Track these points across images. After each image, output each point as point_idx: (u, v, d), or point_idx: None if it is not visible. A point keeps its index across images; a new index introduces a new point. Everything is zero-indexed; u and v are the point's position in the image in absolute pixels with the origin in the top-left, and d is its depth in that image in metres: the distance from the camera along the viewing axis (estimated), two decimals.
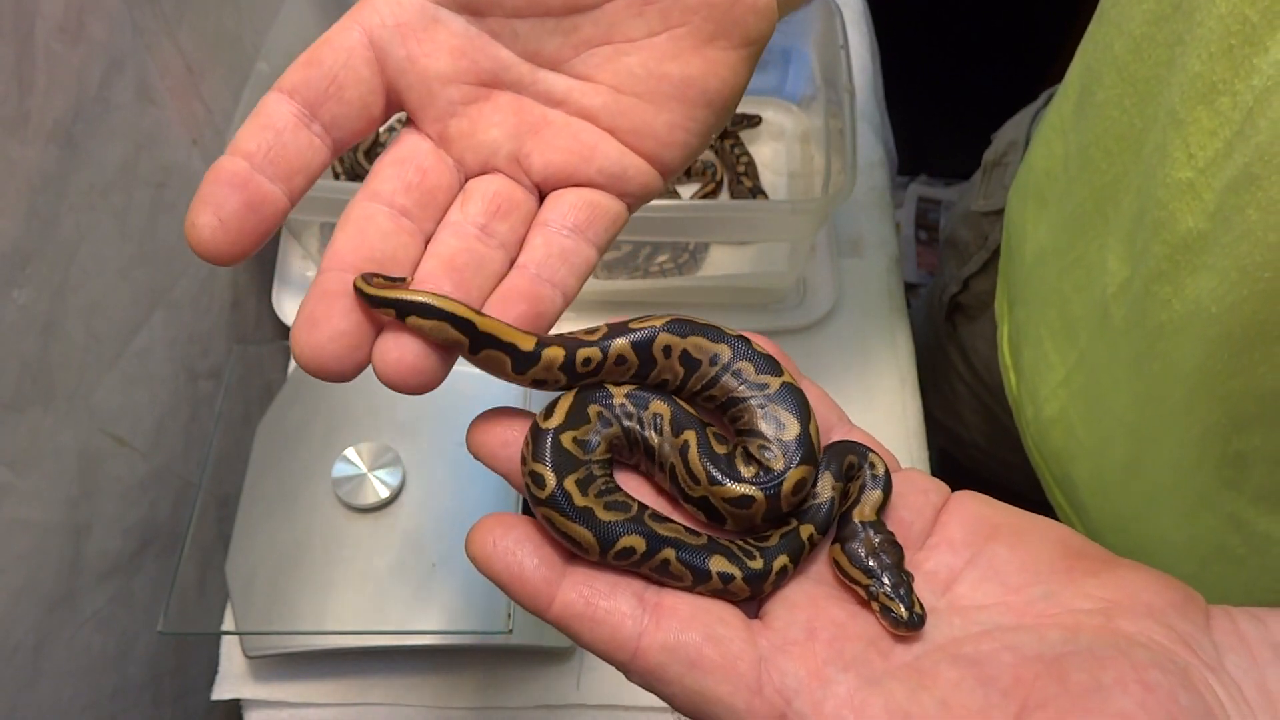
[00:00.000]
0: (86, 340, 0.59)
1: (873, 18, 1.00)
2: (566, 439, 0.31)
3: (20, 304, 0.53)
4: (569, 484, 0.30)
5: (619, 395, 0.33)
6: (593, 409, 0.32)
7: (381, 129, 0.86)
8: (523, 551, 0.29)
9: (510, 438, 0.32)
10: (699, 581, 0.30)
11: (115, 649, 0.65)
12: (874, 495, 0.33)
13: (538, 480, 0.30)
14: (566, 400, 0.32)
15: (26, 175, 0.52)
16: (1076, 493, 0.58)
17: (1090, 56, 0.53)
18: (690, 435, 0.32)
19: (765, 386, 0.33)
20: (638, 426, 0.32)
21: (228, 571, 0.66)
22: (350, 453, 0.69)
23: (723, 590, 0.31)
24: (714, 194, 0.86)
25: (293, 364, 0.76)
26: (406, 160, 0.34)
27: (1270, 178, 0.35)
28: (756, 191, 0.86)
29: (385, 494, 0.68)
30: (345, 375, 0.30)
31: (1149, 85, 0.45)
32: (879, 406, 0.75)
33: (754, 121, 0.89)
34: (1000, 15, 1.47)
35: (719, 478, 0.31)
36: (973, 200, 0.80)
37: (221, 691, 0.65)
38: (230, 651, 0.66)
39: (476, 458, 0.32)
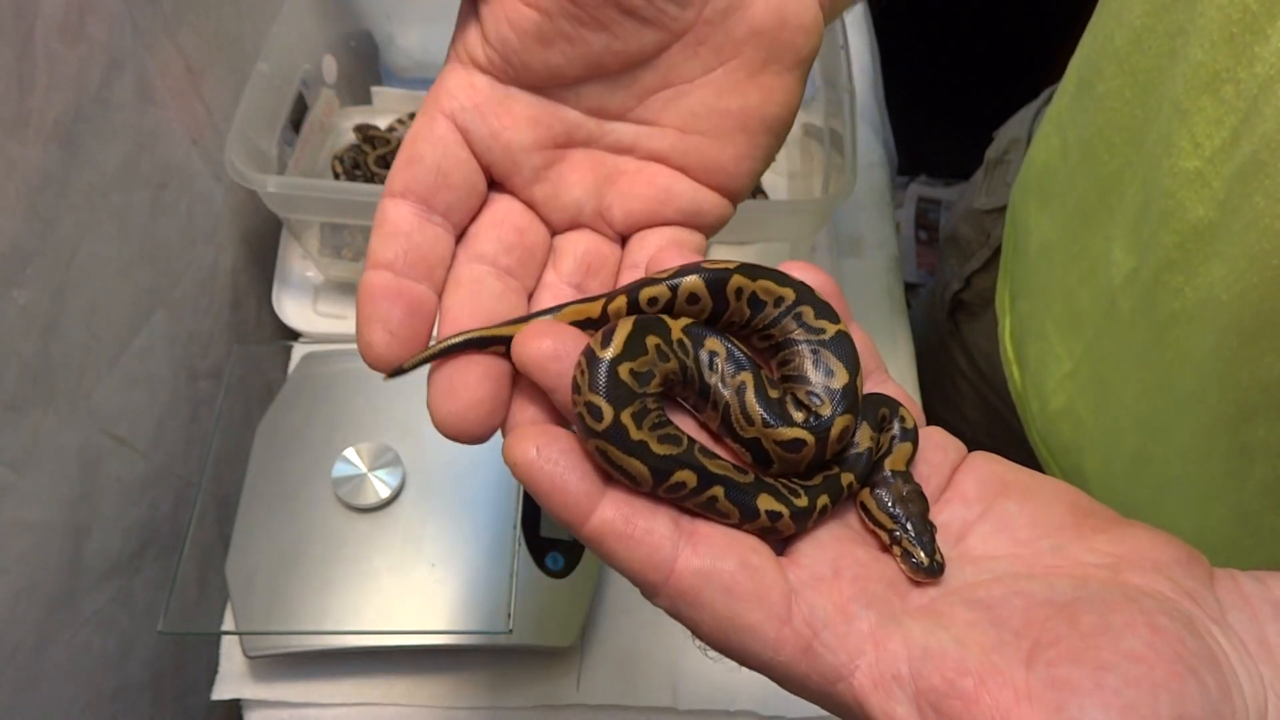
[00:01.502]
0: (86, 340, 0.59)
1: (873, 18, 1.00)
2: (624, 370, 0.30)
3: (20, 304, 0.53)
4: (625, 417, 0.30)
5: (676, 330, 0.33)
6: (650, 340, 0.32)
7: (385, 128, 0.86)
8: (567, 463, 0.30)
9: (563, 351, 0.31)
10: (746, 519, 0.31)
11: (115, 649, 0.65)
12: (905, 447, 0.34)
13: (594, 412, 0.30)
14: (624, 329, 0.31)
15: (26, 175, 0.52)
16: (1085, 485, 0.58)
17: (1090, 49, 0.53)
18: (747, 377, 0.32)
19: (822, 331, 0.33)
20: (694, 364, 0.32)
21: (228, 571, 0.66)
22: (350, 453, 0.69)
23: (770, 528, 0.31)
24: None
25: (293, 364, 0.76)
26: (503, 222, 0.35)
27: (1276, 165, 0.35)
28: (756, 191, 0.86)
29: (385, 494, 0.68)
30: (484, 439, 0.32)
31: (1150, 76, 0.45)
32: None
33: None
34: (1000, 16, 1.47)
35: (773, 421, 0.32)
36: (975, 198, 0.80)
37: (221, 691, 0.65)
38: (230, 651, 0.66)
39: (522, 368, 0.31)
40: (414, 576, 0.66)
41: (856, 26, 0.97)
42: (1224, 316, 0.40)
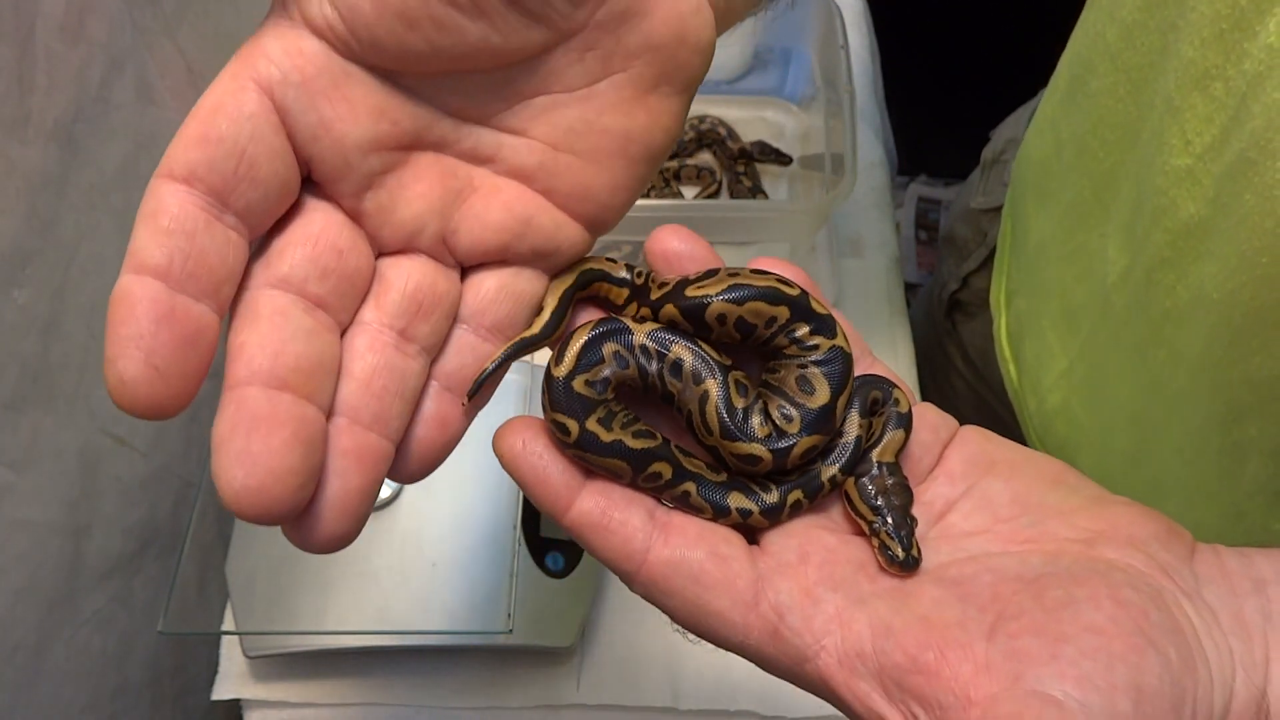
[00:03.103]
0: (86, 340, 0.59)
1: (873, 18, 1.00)
2: (579, 384, 0.31)
3: (20, 304, 0.53)
4: (592, 425, 0.31)
5: (640, 334, 0.32)
6: (609, 348, 0.32)
7: None
8: (550, 456, 0.31)
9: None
10: (718, 515, 0.32)
11: (115, 649, 0.65)
12: (896, 436, 0.34)
13: (562, 429, 0.31)
14: (578, 342, 0.32)
15: (26, 175, 0.52)
16: None
17: (1081, 45, 0.53)
18: (710, 385, 0.32)
19: (815, 348, 0.33)
20: (657, 371, 0.33)
21: (228, 571, 0.66)
22: None
23: (741, 525, 0.32)
24: (714, 195, 0.86)
25: None
26: (318, 238, 0.28)
27: (1266, 163, 0.35)
28: (756, 191, 0.86)
29: (385, 494, 0.68)
30: (289, 518, 0.26)
31: (1143, 73, 0.45)
32: None
33: (785, 161, 0.88)
34: (1000, 16, 1.47)
35: (732, 432, 0.32)
36: (971, 197, 0.80)
37: (221, 691, 0.65)
38: (230, 651, 0.66)
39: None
40: (414, 576, 0.66)
41: (856, 26, 0.97)
42: (1215, 315, 0.40)
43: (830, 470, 0.34)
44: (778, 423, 0.33)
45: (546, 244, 0.31)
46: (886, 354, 0.79)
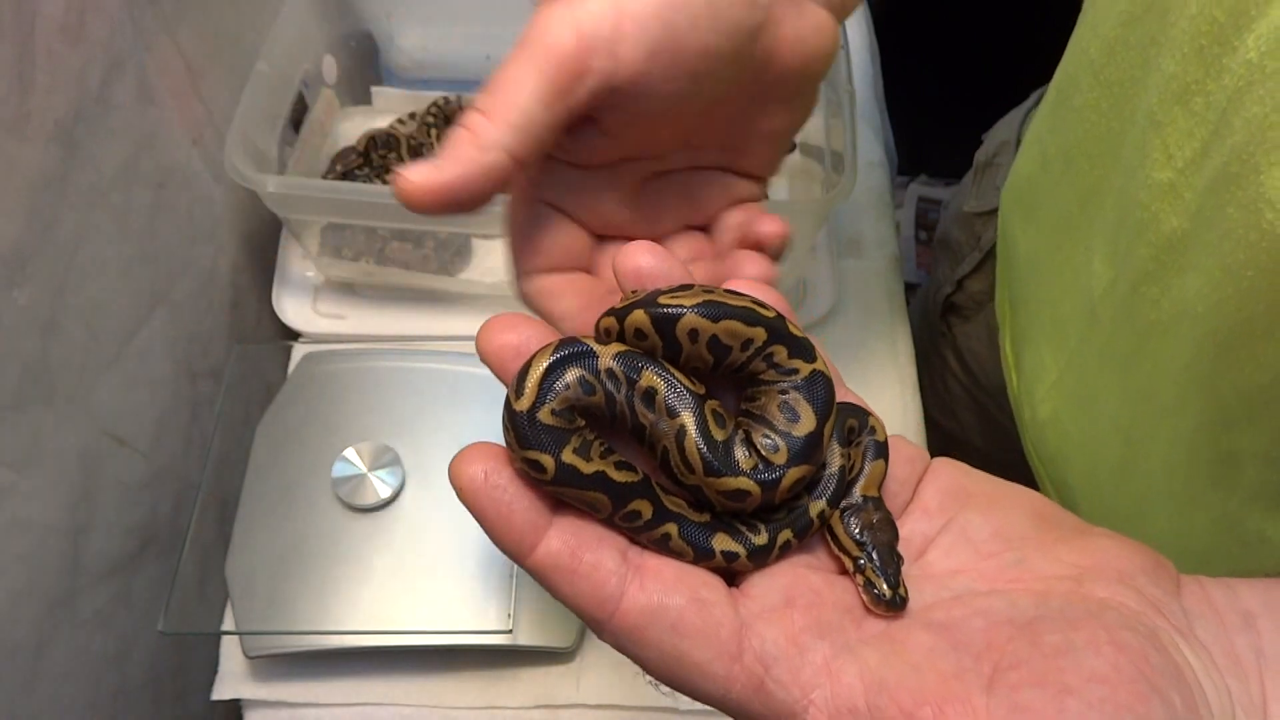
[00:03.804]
0: (86, 340, 0.59)
1: (873, 18, 1.00)
2: (545, 415, 0.29)
3: (20, 304, 0.53)
4: (569, 457, 0.28)
5: (606, 357, 0.30)
6: (572, 374, 0.29)
7: (386, 127, 0.86)
8: (515, 489, 0.28)
9: (524, 348, 0.30)
10: (701, 559, 0.30)
11: (115, 649, 0.65)
12: (877, 466, 0.33)
13: (537, 466, 0.28)
14: (537, 372, 0.29)
15: (26, 175, 0.52)
16: (1071, 495, 0.58)
17: (1068, 62, 0.53)
18: (686, 418, 0.30)
19: (795, 372, 0.31)
20: (626, 399, 0.30)
21: (228, 571, 0.66)
22: (350, 453, 0.69)
23: (725, 569, 0.30)
24: None
25: (293, 364, 0.76)
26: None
27: (1248, 177, 0.35)
28: None
29: (385, 494, 0.68)
30: None
31: (1125, 88, 0.45)
32: (879, 407, 0.74)
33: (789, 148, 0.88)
34: (1000, 15, 1.47)
35: (716, 468, 0.29)
36: (965, 200, 0.80)
37: (221, 691, 0.65)
38: (230, 651, 0.66)
39: (486, 362, 0.31)
40: (414, 576, 0.66)
41: (856, 26, 0.97)
42: (1200, 327, 0.40)
43: (818, 505, 0.31)
44: (763, 453, 0.30)
45: (749, 196, 0.42)
46: (886, 354, 0.79)
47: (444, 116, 0.86)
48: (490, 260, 0.80)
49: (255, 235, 0.81)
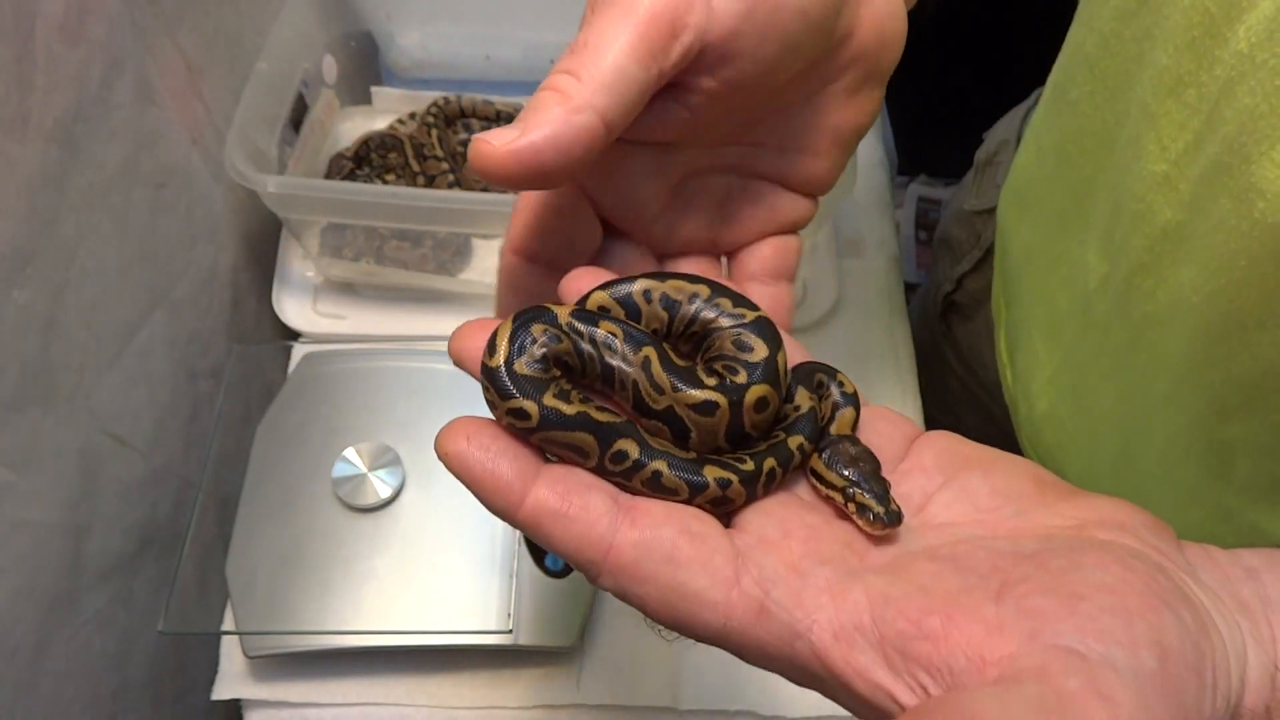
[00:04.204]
0: (86, 340, 0.59)
1: None
2: (520, 367, 0.30)
3: (20, 304, 0.53)
4: (551, 400, 0.29)
5: (563, 315, 0.31)
6: (537, 329, 0.31)
7: (386, 127, 0.86)
8: (498, 448, 0.28)
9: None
10: (695, 492, 0.30)
11: (115, 649, 0.65)
12: (848, 412, 0.34)
13: (520, 414, 0.29)
14: (505, 331, 0.30)
15: (26, 175, 0.52)
16: None
17: (1064, 57, 0.53)
18: (650, 351, 0.31)
19: (741, 317, 0.33)
20: (591, 348, 0.31)
21: (228, 571, 0.66)
22: (350, 453, 0.69)
23: (720, 498, 0.30)
24: None
25: (293, 364, 0.76)
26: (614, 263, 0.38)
27: (1240, 167, 0.35)
28: None
29: (385, 494, 0.68)
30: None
31: (1119, 81, 0.45)
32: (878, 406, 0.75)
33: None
34: (1000, 15, 1.47)
35: (682, 385, 0.31)
36: (965, 199, 0.80)
37: (221, 691, 0.65)
38: (230, 651, 0.66)
39: (462, 366, 0.32)
40: (414, 576, 0.66)
41: None
42: (1194, 318, 0.40)
43: (796, 439, 0.32)
44: (724, 375, 0.32)
45: (789, 216, 0.39)
46: (887, 354, 0.79)
47: (444, 116, 0.86)
48: (490, 260, 0.80)
49: (255, 235, 0.81)
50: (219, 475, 0.71)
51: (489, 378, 0.30)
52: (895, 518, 0.30)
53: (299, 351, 0.77)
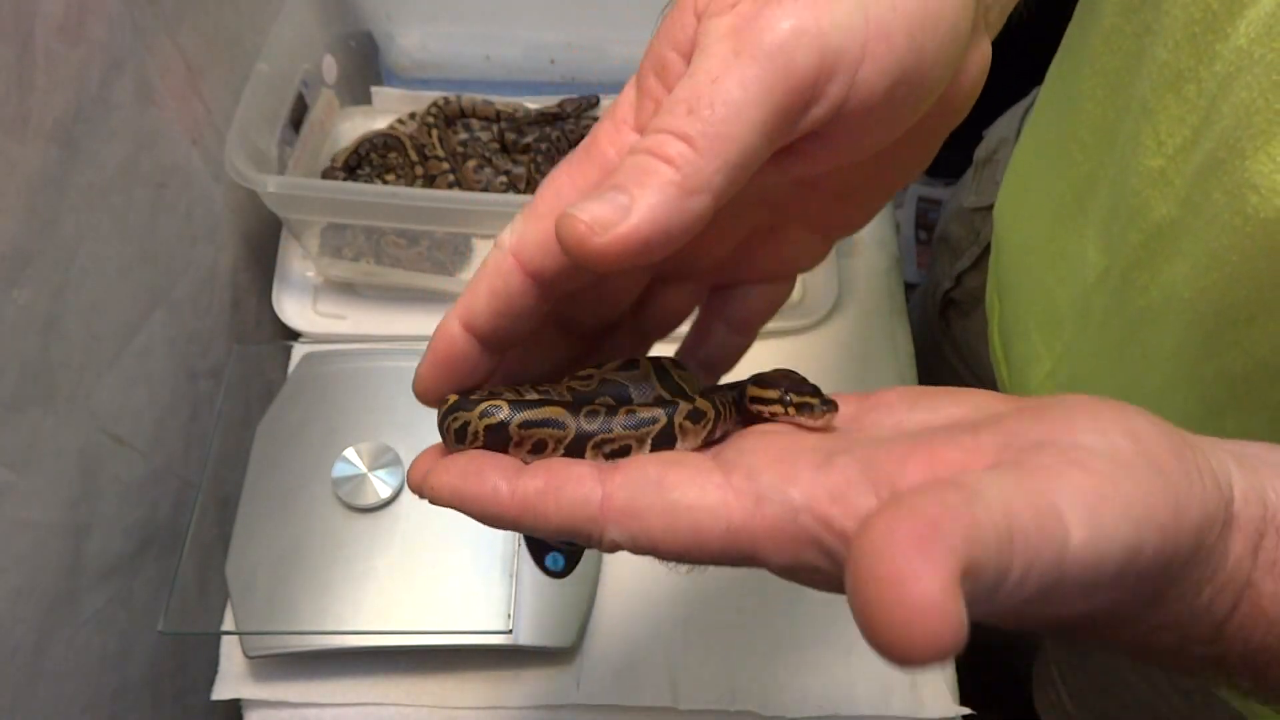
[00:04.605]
0: (86, 340, 0.59)
1: None
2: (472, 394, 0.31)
3: (20, 304, 0.53)
4: (511, 395, 0.30)
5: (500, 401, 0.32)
6: (480, 393, 0.32)
7: (386, 127, 0.86)
8: (475, 467, 0.28)
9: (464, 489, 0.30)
10: (672, 412, 0.30)
11: (115, 649, 0.65)
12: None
13: (490, 413, 0.29)
14: (451, 397, 0.31)
15: (26, 175, 0.52)
16: None
17: (1065, 52, 0.53)
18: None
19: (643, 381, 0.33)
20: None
21: (228, 571, 0.66)
22: (350, 453, 0.69)
23: (694, 411, 0.31)
24: None
25: (293, 364, 0.76)
26: None
27: (1234, 162, 0.35)
28: None
29: (385, 494, 0.68)
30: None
31: (1120, 76, 0.45)
32: None
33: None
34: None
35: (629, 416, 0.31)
36: (964, 197, 0.80)
37: (221, 691, 0.65)
38: (230, 651, 0.66)
39: (418, 493, 0.30)
40: (414, 576, 0.66)
41: None
42: (1187, 313, 0.41)
43: (729, 395, 0.33)
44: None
45: (798, 267, 0.36)
46: (886, 354, 0.79)
47: (444, 116, 0.86)
48: None
49: (255, 235, 0.81)
50: (219, 475, 0.71)
51: (449, 411, 0.30)
52: (833, 404, 0.30)
53: (299, 351, 0.77)
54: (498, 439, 0.30)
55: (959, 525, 0.20)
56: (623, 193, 0.26)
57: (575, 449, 0.30)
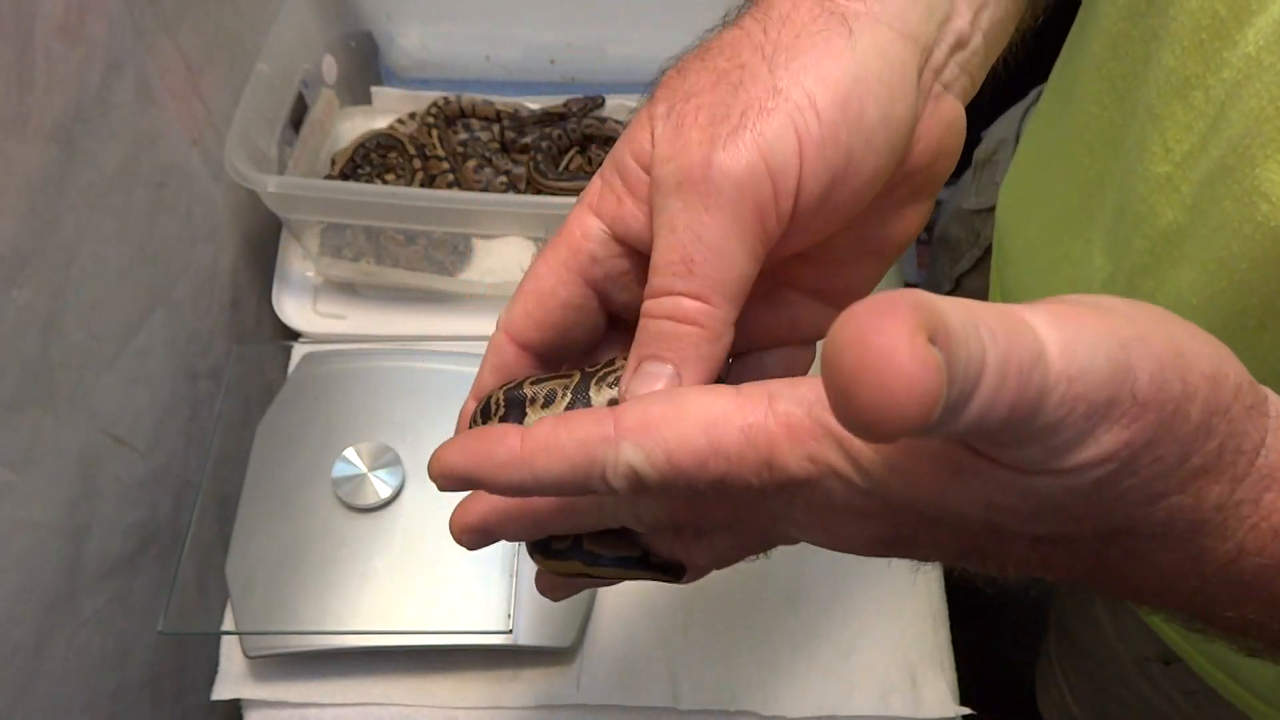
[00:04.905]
0: (86, 340, 0.59)
1: None
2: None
3: (20, 304, 0.53)
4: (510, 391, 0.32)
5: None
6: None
7: (386, 127, 0.86)
8: (492, 427, 0.28)
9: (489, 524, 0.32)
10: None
11: (115, 649, 0.65)
12: None
13: (509, 386, 0.32)
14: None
15: (26, 175, 0.52)
16: None
17: (1068, 57, 0.53)
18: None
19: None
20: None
21: (228, 571, 0.66)
22: (350, 453, 0.69)
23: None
24: None
25: (293, 364, 0.76)
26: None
27: (1243, 169, 0.35)
28: None
29: (385, 494, 0.68)
30: None
31: (1126, 82, 0.45)
32: None
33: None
34: None
35: None
36: (964, 198, 0.80)
37: (221, 691, 0.65)
38: (230, 651, 0.66)
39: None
40: (414, 576, 0.66)
41: None
42: (1195, 320, 0.40)
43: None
44: None
45: (807, 332, 0.36)
46: None
47: (444, 116, 0.86)
48: (490, 260, 0.80)
49: (255, 235, 0.81)
50: (219, 475, 0.71)
51: (487, 404, 0.33)
52: None
53: (299, 351, 0.77)
54: (516, 402, 0.31)
55: (920, 299, 0.19)
56: (664, 364, 0.30)
57: (582, 388, 0.31)
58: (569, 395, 0.31)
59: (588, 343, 0.35)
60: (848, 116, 0.29)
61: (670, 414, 0.26)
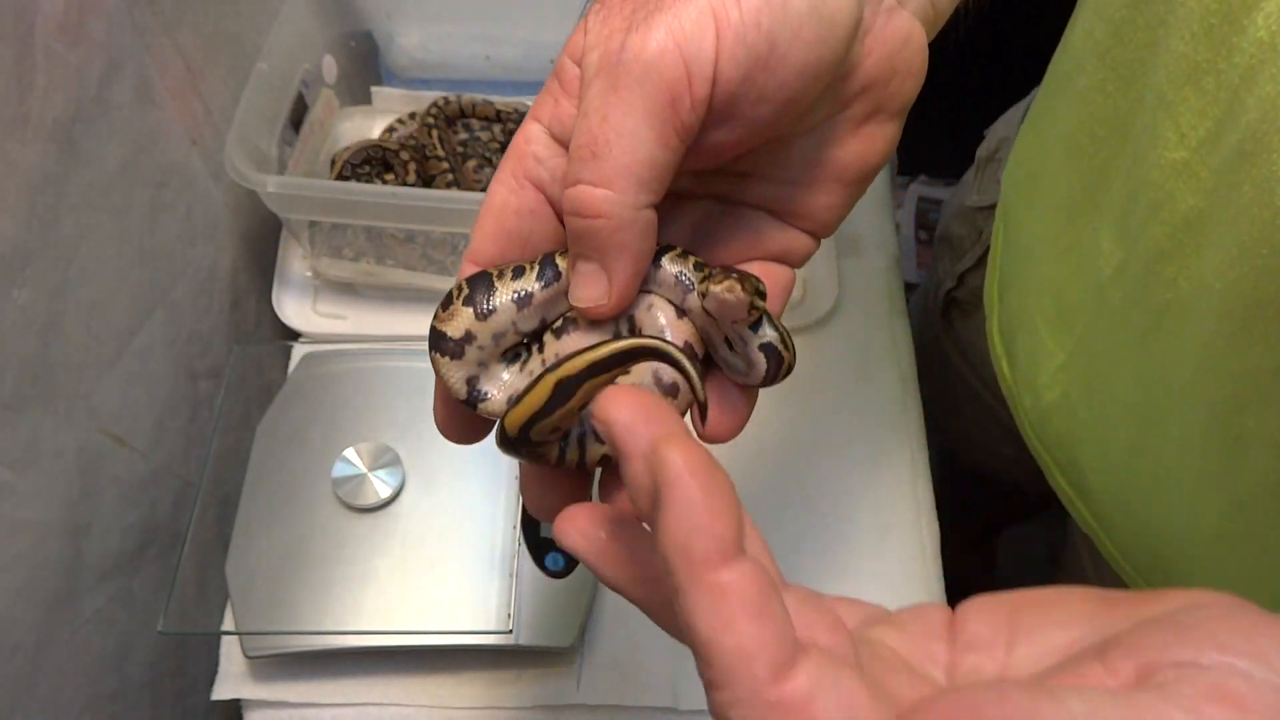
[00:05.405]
0: (86, 340, 0.59)
1: None
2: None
3: (20, 304, 0.53)
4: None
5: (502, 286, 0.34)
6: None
7: (386, 127, 0.86)
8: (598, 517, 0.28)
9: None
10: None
11: (115, 649, 0.65)
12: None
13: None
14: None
15: (26, 175, 0.52)
16: (1082, 476, 0.58)
17: (1070, 45, 0.53)
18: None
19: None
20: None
21: (228, 571, 0.66)
22: (350, 453, 0.69)
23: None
24: None
25: (293, 364, 0.76)
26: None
27: (1262, 156, 0.35)
28: None
29: (385, 494, 0.68)
30: None
31: (1132, 69, 0.45)
32: (879, 407, 0.75)
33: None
34: (1000, 14, 1.47)
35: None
36: (966, 196, 0.80)
37: (221, 691, 0.65)
38: (230, 651, 0.66)
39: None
40: (414, 576, 0.66)
41: None
42: (1218, 305, 0.40)
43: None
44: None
45: (777, 247, 0.36)
46: (886, 354, 0.79)
47: (444, 116, 0.86)
48: None
49: (255, 235, 0.81)
50: (219, 475, 0.71)
51: (449, 294, 0.34)
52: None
53: (299, 351, 0.77)
54: (482, 278, 0.33)
55: None
56: (590, 262, 0.31)
57: (548, 259, 0.33)
58: (536, 267, 0.32)
59: (554, 250, 0.34)
60: (771, 4, 0.29)
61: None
